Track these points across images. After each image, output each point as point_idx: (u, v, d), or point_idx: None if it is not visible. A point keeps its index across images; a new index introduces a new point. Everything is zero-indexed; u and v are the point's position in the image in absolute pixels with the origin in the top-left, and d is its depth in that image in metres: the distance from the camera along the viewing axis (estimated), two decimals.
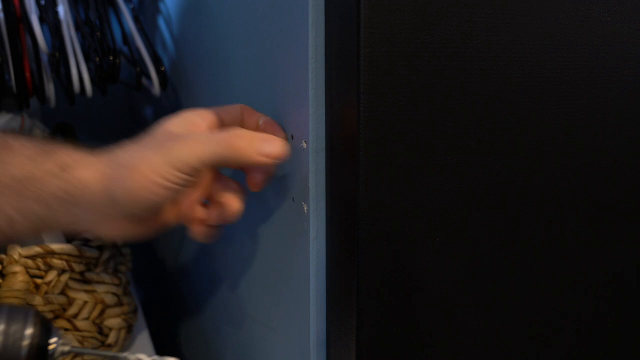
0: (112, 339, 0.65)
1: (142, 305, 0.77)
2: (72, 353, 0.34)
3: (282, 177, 0.45)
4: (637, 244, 0.49)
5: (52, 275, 0.59)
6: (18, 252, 0.58)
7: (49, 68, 0.64)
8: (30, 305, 0.34)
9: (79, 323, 0.62)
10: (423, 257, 0.41)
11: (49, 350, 0.32)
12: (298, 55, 0.40)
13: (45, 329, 0.33)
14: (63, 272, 0.60)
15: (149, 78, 0.66)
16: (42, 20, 0.62)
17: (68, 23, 0.63)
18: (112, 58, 0.63)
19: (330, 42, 0.38)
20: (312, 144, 0.40)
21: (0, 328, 0.31)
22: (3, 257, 0.59)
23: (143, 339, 0.72)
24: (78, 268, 0.61)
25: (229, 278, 0.61)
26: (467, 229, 0.42)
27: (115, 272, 0.65)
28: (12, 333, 0.31)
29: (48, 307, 0.60)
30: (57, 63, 0.63)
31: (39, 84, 0.63)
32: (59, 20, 0.63)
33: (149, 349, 0.71)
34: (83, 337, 0.62)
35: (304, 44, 0.39)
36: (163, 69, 0.66)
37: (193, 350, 0.78)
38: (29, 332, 0.32)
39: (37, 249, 0.58)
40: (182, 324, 0.81)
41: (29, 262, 0.58)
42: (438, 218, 0.41)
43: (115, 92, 0.71)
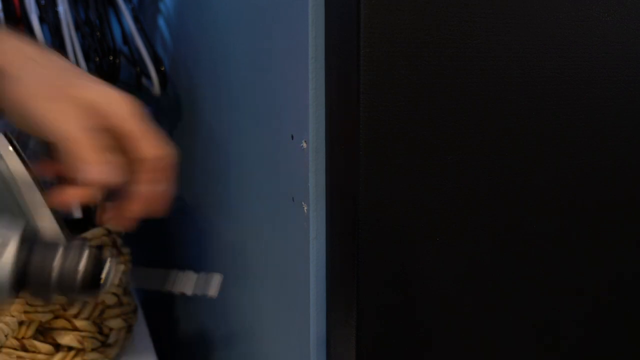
0: (112, 339, 0.65)
1: (142, 305, 0.77)
2: (120, 281, 0.36)
3: (282, 177, 0.45)
4: (637, 244, 0.49)
5: None
6: None
7: None
8: (84, 239, 0.37)
9: (79, 323, 0.62)
10: (423, 257, 0.41)
11: (101, 279, 0.36)
12: (298, 55, 0.40)
13: (98, 260, 0.36)
14: None
15: (149, 78, 0.66)
16: (42, 20, 0.62)
17: (68, 23, 0.63)
18: (112, 58, 0.63)
19: (330, 42, 0.38)
20: (312, 144, 0.40)
21: (57, 257, 0.34)
22: None
23: (143, 339, 0.72)
24: None
25: (229, 278, 0.61)
26: (467, 229, 0.42)
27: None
28: (67, 264, 0.34)
29: (48, 307, 0.60)
30: None
31: None
32: (59, 20, 0.63)
33: (149, 349, 0.71)
34: (83, 337, 0.62)
35: (304, 44, 0.39)
36: (163, 69, 0.66)
37: (193, 350, 0.78)
38: (83, 262, 0.35)
39: None
40: (182, 324, 0.81)
41: None
42: (438, 218, 0.41)
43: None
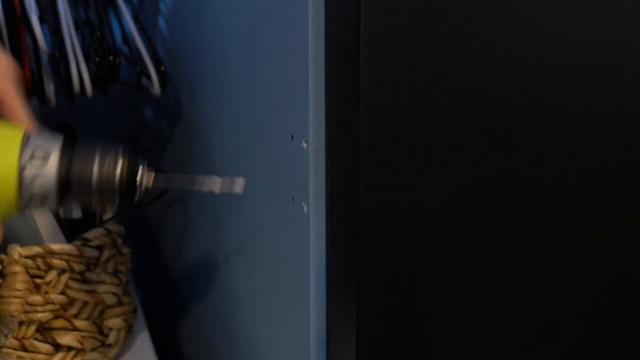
0: (112, 339, 0.65)
1: (142, 305, 0.77)
2: (154, 183, 0.40)
3: (282, 177, 0.45)
4: (637, 244, 0.49)
5: (52, 275, 0.59)
6: (18, 252, 0.58)
7: (49, 68, 0.64)
8: (119, 143, 0.39)
9: (79, 323, 0.62)
10: (423, 257, 0.41)
11: (137, 179, 0.39)
12: (298, 55, 0.40)
13: (134, 162, 0.39)
14: (63, 272, 0.60)
15: (149, 78, 0.66)
16: (42, 20, 0.62)
17: (68, 23, 0.63)
18: (112, 58, 0.63)
19: (330, 42, 0.38)
20: (312, 144, 0.40)
21: (96, 163, 0.37)
22: (3, 257, 0.59)
23: (143, 339, 0.72)
24: (78, 268, 0.61)
25: (229, 278, 0.61)
26: (467, 229, 0.42)
27: (115, 272, 0.65)
28: (105, 166, 0.37)
29: (48, 307, 0.60)
30: (57, 63, 0.63)
31: (39, 84, 0.63)
32: (59, 20, 0.63)
33: (149, 349, 0.71)
34: (83, 337, 0.62)
35: (304, 44, 0.39)
36: (163, 69, 0.66)
37: (193, 350, 0.78)
38: (120, 164, 0.38)
39: (37, 249, 0.58)
40: (182, 324, 0.81)
41: (29, 262, 0.58)
42: (438, 218, 0.41)
43: (115, 92, 0.71)
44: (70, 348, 0.62)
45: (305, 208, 0.42)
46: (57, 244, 0.59)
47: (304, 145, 0.41)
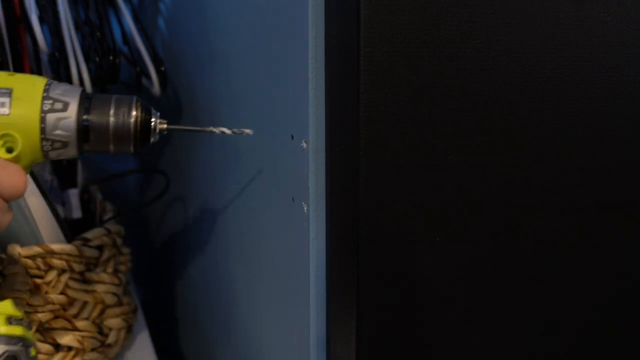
0: (112, 339, 0.65)
1: (142, 305, 0.77)
2: (167, 129, 0.43)
3: (282, 177, 0.45)
4: (637, 244, 0.49)
5: (52, 275, 0.59)
6: (18, 252, 0.58)
7: (49, 68, 0.64)
8: (134, 95, 0.43)
9: (79, 323, 0.62)
10: (423, 257, 0.41)
11: (151, 126, 0.42)
12: (298, 55, 0.40)
13: (147, 110, 0.42)
14: (63, 272, 0.60)
15: (149, 78, 0.66)
16: (42, 20, 0.62)
17: (68, 23, 0.63)
18: (112, 58, 0.63)
19: (330, 42, 0.38)
20: (312, 144, 0.40)
21: (112, 111, 0.40)
22: (3, 257, 0.59)
23: (143, 339, 0.72)
24: (78, 268, 0.61)
25: (229, 278, 0.61)
26: (467, 229, 0.42)
27: (115, 272, 0.65)
28: (121, 114, 0.40)
29: (48, 307, 0.60)
30: (57, 63, 0.63)
31: None
32: (59, 20, 0.63)
33: (149, 349, 0.71)
34: (83, 337, 0.62)
35: (304, 44, 0.39)
36: (163, 69, 0.66)
37: (193, 350, 0.78)
38: (134, 112, 0.41)
39: (37, 249, 0.58)
40: (182, 324, 0.81)
41: (29, 262, 0.58)
42: (438, 218, 0.41)
43: (115, 92, 0.71)
44: (70, 348, 0.62)
45: (305, 208, 0.42)
46: (57, 244, 0.59)
47: (304, 145, 0.41)
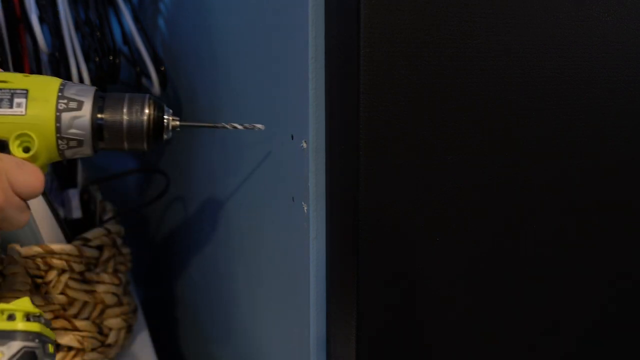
0: (112, 339, 0.65)
1: (142, 305, 0.77)
2: (180, 126, 0.44)
3: (282, 177, 0.45)
4: (637, 244, 0.49)
5: (52, 275, 0.59)
6: (18, 252, 0.58)
7: (49, 68, 0.64)
8: (147, 93, 0.43)
9: (79, 323, 0.62)
10: (423, 257, 0.41)
11: (164, 123, 0.43)
12: (298, 55, 0.40)
13: (159, 108, 0.42)
14: (63, 272, 0.60)
15: (149, 78, 0.66)
16: (42, 20, 0.62)
17: (68, 23, 0.63)
18: (112, 58, 0.63)
19: (330, 42, 0.38)
20: (312, 144, 0.40)
21: (125, 110, 0.41)
22: (3, 257, 0.59)
23: (143, 339, 0.72)
24: (78, 268, 0.61)
25: (229, 278, 0.61)
26: (467, 229, 0.42)
27: (115, 272, 0.65)
28: (134, 112, 0.41)
29: (48, 307, 0.60)
30: (57, 63, 0.63)
31: None
32: (59, 20, 0.63)
33: (149, 349, 0.71)
34: (83, 337, 0.62)
35: (304, 44, 0.39)
36: (163, 69, 0.66)
37: (193, 350, 0.78)
38: (147, 110, 0.41)
39: (37, 249, 0.58)
40: (182, 324, 0.81)
41: (29, 262, 0.58)
42: (438, 218, 0.41)
43: (116, 92, 0.71)
44: (70, 348, 0.62)
45: (305, 208, 0.42)
46: (57, 244, 0.59)
47: (304, 145, 0.41)
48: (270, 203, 0.48)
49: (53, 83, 0.40)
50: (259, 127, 0.45)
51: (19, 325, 0.37)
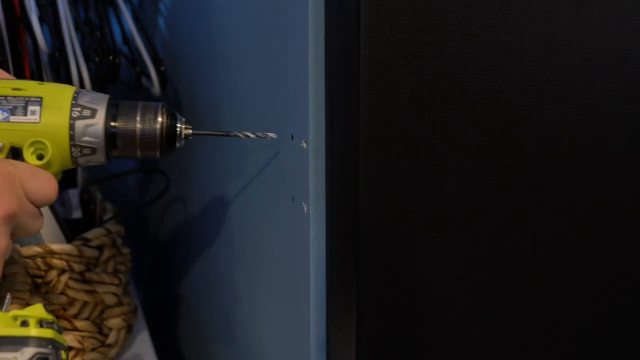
0: (112, 339, 0.65)
1: (142, 305, 0.77)
2: (193, 134, 0.44)
3: (282, 177, 0.45)
4: (637, 244, 0.49)
5: (52, 275, 0.59)
6: (18, 252, 0.58)
7: (49, 68, 0.64)
8: (160, 101, 0.43)
9: (79, 323, 0.62)
10: (423, 257, 0.41)
11: (177, 131, 0.43)
12: (298, 55, 0.40)
13: (172, 116, 0.43)
14: (63, 272, 0.60)
15: (149, 78, 0.66)
16: (42, 20, 0.62)
17: (68, 23, 0.63)
18: (112, 58, 0.63)
19: (330, 42, 0.38)
20: (312, 144, 0.40)
21: (138, 118, 0.41)
22: None
23: (143, 339, 0.72)
24: (78, 268, 0.61)
25: (229, 278, 0.61)
26: (467, 229, 0.42)
27: (115, 272, 0.65)
28: (147, 121, 0.41)
29: (48, 307, 0.60)
30: (57, 63, 0.63)
31: None
32: (59, 20, 0.63)
33: (149, 349, 0.71)
34: (83, 337, 0.62)
35: (304, 44, 0.39)
36: (163, 69, 0.66)
37: (193, 350, 0.78)
38: (160, 119, 0.42)
39: (37, 249, 0.58)
40: (182, 324, 0.81)
41: (29, 262, 0.58)
42: (438, 218, 0.41)
43: (115, 92, 0.71)
44: (70, 348, 0.62)
45: (305, 208, 0.42)
46: (57, 244, 0.59)
47: (304, 145, 0.41)
48: (270, 203, 0.48)
49: (67, 91, 0.40)
50: (272, 135, 0.44)
51: (32, 332, 0.37)
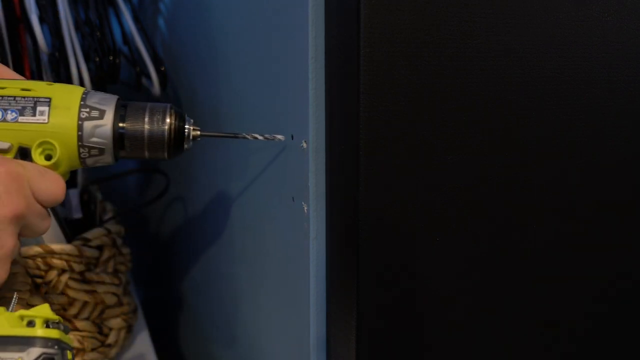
0: (112, 339, 0.65)
1: (142, 305, 0.77)
2: (201, 136, 0.43)
3: (282, 177, 0.45)
4: (637, 244, 0.49)
5: (52, 275, 0.59)
6: (18, 252, 0.58)
7: (49, 68, 0.64)
8: (168, 103, 0.43)
9: (79, 323, 0.62)
10: (423, 257, 0.41)
11: (185, 133, 0.42)
12: (298, 55, 0.40)
13: (180, 118, 0.42)
14: (63, 272, 0.60)
15: (149, 78, 0.66)
16: (42, 20, 0.62)
17: (68, 23, 0.63)
18: (112, 58, 0.63)
19: (330, 42, 0.38)
20: (312, 144, 0.40)
21: (146, 119, 0.41)
22: None
23: (143, 339, 0.72)
24: (78, 268, 0.61)
25: (229, 278, 0.61)
26: (467, 229, 0.42)
27: (115, 272, 0.65)
28: (155, 122, 0.41)
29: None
30: (57, 63, 0.63)
31: None
32: (59, 20, 0.63)
33: (149, 349, 0.71)
34: (83, 337, 0.62)
35: (304, 44, 0.39)
36: (163, 69, 0.66)
37: (193, 350, 0.78)
38: (168, 120, 0.41)
39: (37, 249, 0.58)
40: (182, 324, 0.81)
41: (29, 262, 0.58)
42: (438, 218, 0.41)
43: (115, 92, 0.71)
44: None
45: (305, 208, 0.42)
46: (57, 244, 0.59)
47: (304, 145, 0.41)
48: (270, 203, 0.48)
49: (76, 91, 0.40)
50: (279, 137, 0.44)
51: (39, 332, 0.37)
